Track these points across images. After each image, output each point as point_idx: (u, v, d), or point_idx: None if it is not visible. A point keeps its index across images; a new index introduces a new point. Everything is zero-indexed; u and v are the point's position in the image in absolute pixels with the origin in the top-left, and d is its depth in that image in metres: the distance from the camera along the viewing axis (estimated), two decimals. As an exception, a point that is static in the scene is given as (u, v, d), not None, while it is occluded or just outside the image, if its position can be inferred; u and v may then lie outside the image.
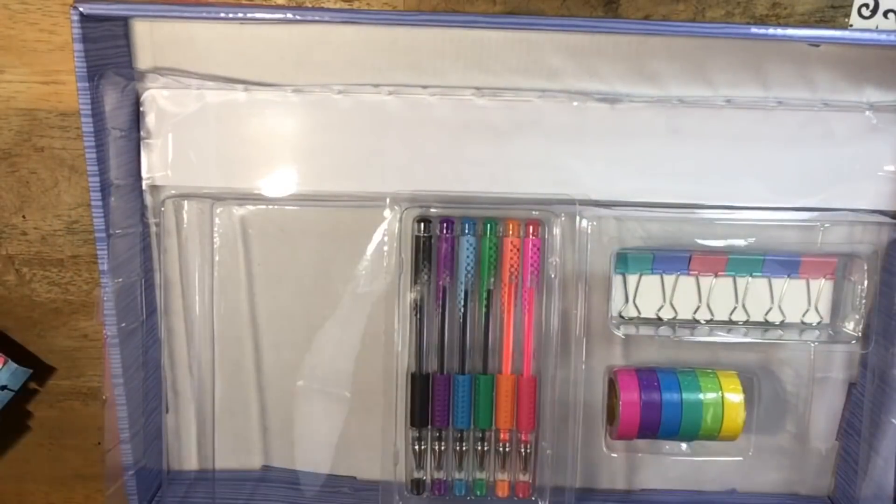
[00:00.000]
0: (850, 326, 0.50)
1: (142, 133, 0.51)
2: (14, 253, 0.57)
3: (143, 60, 0.50)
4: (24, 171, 0.55)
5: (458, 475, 0.55)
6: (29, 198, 0.56)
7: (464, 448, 0.54)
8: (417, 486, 0.55)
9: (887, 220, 0.50)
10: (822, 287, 0.51)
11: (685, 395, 0.49)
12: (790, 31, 0.44)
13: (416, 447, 0.54)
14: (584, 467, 0.55)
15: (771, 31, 0.44)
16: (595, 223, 0.51)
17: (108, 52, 0.47)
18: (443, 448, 0.54)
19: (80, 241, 0.57)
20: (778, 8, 0.49)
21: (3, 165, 0.55)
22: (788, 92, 0.49)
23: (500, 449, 0.54)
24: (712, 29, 0.45)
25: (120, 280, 0.50)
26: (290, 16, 0.45)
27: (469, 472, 0.55)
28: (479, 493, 0.55)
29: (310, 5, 0.51)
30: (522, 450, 0.54)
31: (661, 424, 0.49)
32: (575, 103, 0.50)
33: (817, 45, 0.48)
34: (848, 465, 0.55)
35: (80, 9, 0.44)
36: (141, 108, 0.51)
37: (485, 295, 0.52)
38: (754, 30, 0.44)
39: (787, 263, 0.50)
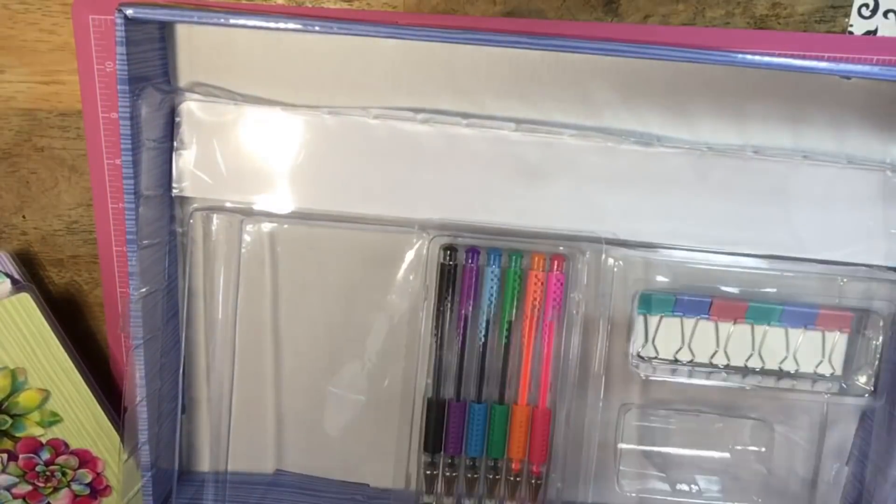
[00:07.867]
0: (863, 380, 0.52)
1: (175, 143, 0.49)
2: (14, 253, 0.55)
3: (181, 64, 0.49)
4: (24, 171, 0.53)
5: (468, 501, 0.55)
6: (29, 198, 0.54)
7: (475, 476, 0.54)
8: (426, 509, 0.55)
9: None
10: (837, 340, 0.52)
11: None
12: (822, 65, 0.43)
13: (428, 472, 0.54)
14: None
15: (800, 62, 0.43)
16: (620, 262, 0.52)
17: (146, 55, 0.45)
18: (454, 475, 0.54)
19: (80, 241, 0.55)
20: (778, 8, 0.48)
21: (3, 165, 0.53)
22: (817, 146, 0.50)
23: (511, 478, 0.54)
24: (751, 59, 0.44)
25: (145, 290, 0.49)
26: (335, 29, 0.44)
27: (479, 498, 0.55)
28: (487, 519, 0.55)
29: (310, 5, 0.50)
30: (533, 481, 0.54)
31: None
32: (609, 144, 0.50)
33: (848, 78, 0.48)
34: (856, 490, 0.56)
35: (126, 12, 0.41)
36: (176, 119, 0.49)
37: (506, 326, 0.52)
38: (795, 62, 0.43)
39: (805, 315, 0.51)
